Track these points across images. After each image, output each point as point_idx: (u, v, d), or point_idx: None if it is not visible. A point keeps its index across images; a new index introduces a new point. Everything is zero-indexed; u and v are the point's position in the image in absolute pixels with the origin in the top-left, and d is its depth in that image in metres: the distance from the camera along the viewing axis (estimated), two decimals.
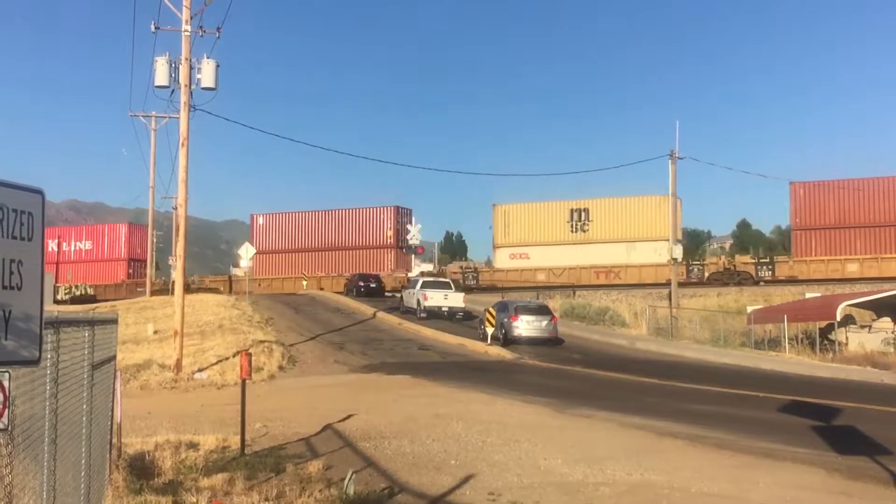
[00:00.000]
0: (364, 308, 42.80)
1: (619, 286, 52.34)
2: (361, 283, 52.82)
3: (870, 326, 32.65)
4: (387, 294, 52.09)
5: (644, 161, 58.78)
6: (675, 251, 40.02)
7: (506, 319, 30.70)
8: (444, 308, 38.10)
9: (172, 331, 24.51)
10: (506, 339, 30.45)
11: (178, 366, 22.92)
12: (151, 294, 54.95)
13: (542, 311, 31.66)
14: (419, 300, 38.49)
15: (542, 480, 10.11)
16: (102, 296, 62.42)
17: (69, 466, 6.51)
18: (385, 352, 28.65)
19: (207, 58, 24.01)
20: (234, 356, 23.56)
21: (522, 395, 18.03)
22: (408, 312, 39.51)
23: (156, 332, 31.22)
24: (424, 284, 39.49)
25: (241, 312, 37.16)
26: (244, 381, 12.91)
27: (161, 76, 24.07)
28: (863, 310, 34.93)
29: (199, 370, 23.32)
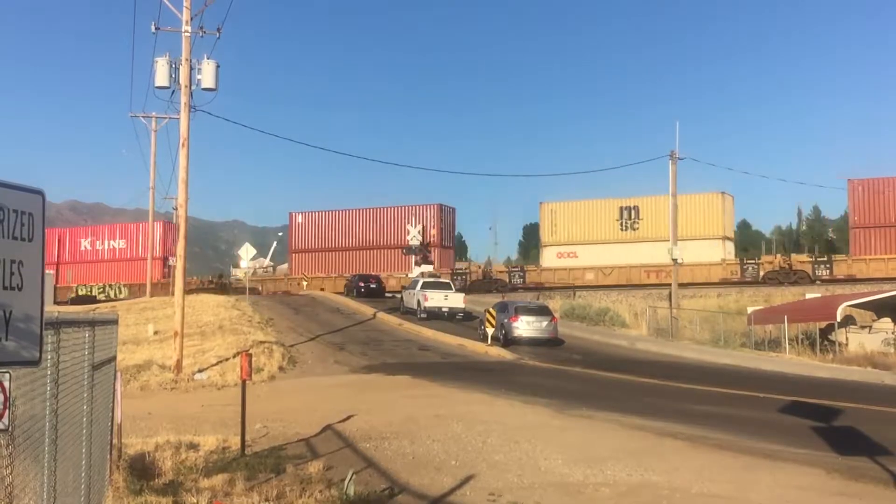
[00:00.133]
0: (364, 308, 42.82)
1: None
2: (362, 284, 52.79)
3: (870, 327, 32.64)
4: (387, 295, 52.09)
5: (644, 161, 58.86)
6: (675, 252, 39.98)
7: (506, 320, 30.69)
8: (445, 308, 38.09)
9: (173, 331, 24.52)
10: (506, 340, 30.44)
11: (179, 366, 22.93)
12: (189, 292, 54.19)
13: (543, 312, 31.66)
14: (419, 301, 38.49)
15: (543, 481, 10.11)
16: (137, 295, 59.73)
17: (69, 467, 6.52)
18: (385, 352, 28.64)
19: (208, 58, 24.03)
20: (235, 357, 23.57)
21: (523, 396, 18.02)
22: (408, 313, 39.51)
23: (156, 333, 31.23)
24: (425, 285, 39.50)
25: (242, 313, 37.18)
26: (244, 382, 12.92)
27: (161, 77, 24.08)
28: (863, 310, 34.94)
29: (200, 371, 23.32)
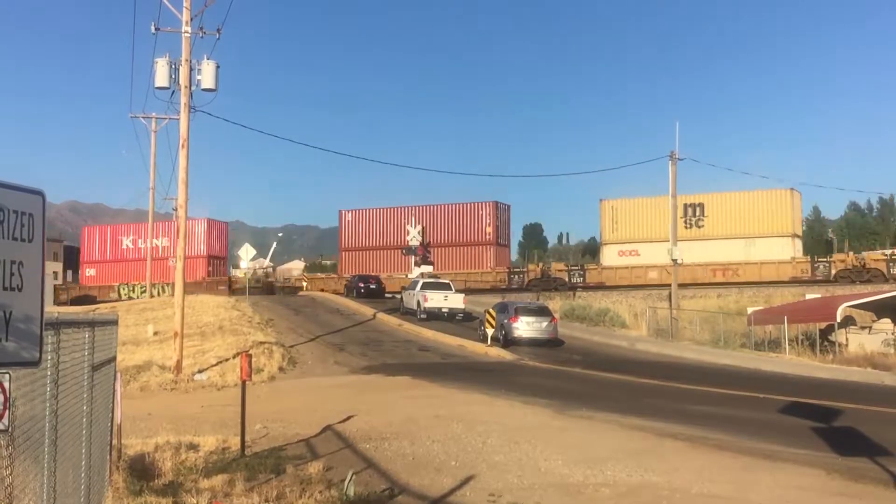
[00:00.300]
0: (364, 309, 42.81)
1: (738, 284, 50.26)
2: (361, 285, 52.75)
3: (870, 328, 32.65)
4: (387, 295, 52.07)
5: (645, 162, 58.79)
6: (675, 252, 40.02)
7: (506, 321, 30.69)
8: (444, 309, 38.07)
9: (172, 332, 24.52)
10: (506, 341, 30.44)
11: (178, 367, 22.92)
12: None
13: (542, 313, 31.66)
14: (419, 301, 38.47)
15: (543, 481, 10.11)
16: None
17: (69, 467, 6.52)
18: (385, 353, 28.64)
19: (208, 59, 24.03)
20: (234, 357, 23.57)
21: (522, 396, 18.02)
22: (408, 314, 39.50)
23: (156, 334, 31.24)
24: (424, 286, 39.47)
25: (241, 314, 37.19)
26: (244, 383, 12.92)
27: (161, 77, 24.08)
28: (863, 311, 34.95)
29: (199, 371, 23.32)
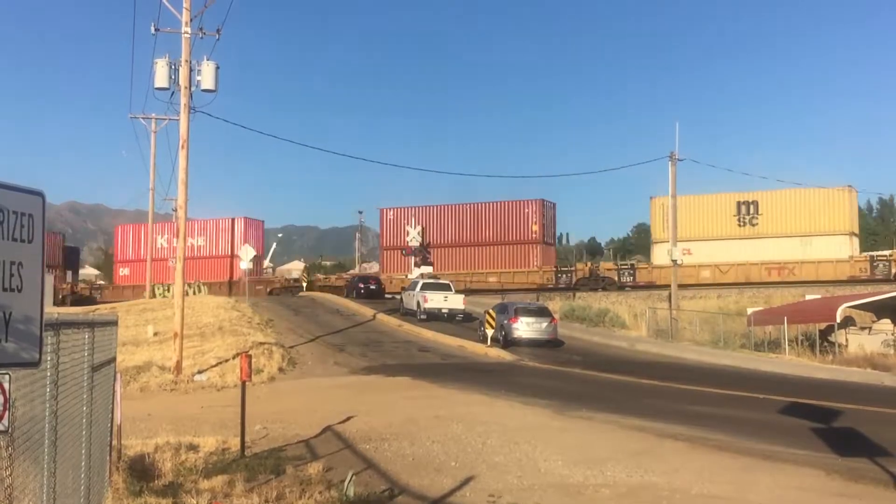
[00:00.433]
0: (364, 310, 42.79)
1: (795, 283, 49.17)
2: (361, 285, 52.75)
3: (870, 328, 32.67)
4: (386, 296, 52.05)
5: (645, 163, 58.65)
6: (675, 253, 40.03)
7: (505, 321, 30.67)
8: (444, 310, 38.05)
9: (172, 333, 24.52)
10: (506, 341, 30.43)
11: (178, 368, 22.92)
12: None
13: (542, 313, 31.65)
14: (419, 302, 38.46)
15: (543, 482, 10.11)
16: (217, 294, 55.65)
17: (69, 468, 6.52)
18: (385, 353, 28.63)
19: (207, 60, 24.03)
20: (234, 358, 23.55)
21: (522, 397, 18.01)
22: (407, 314, 39.49)
23: (156, 334, 31.22)
24: (424, 286, 39.46)
25: (241, 314, 37.17)
26: (244, 383, 12.91)
27: (161, 78, 24.09)
28: (863, 311, 34.96)
29: (199, 372, 23.31)
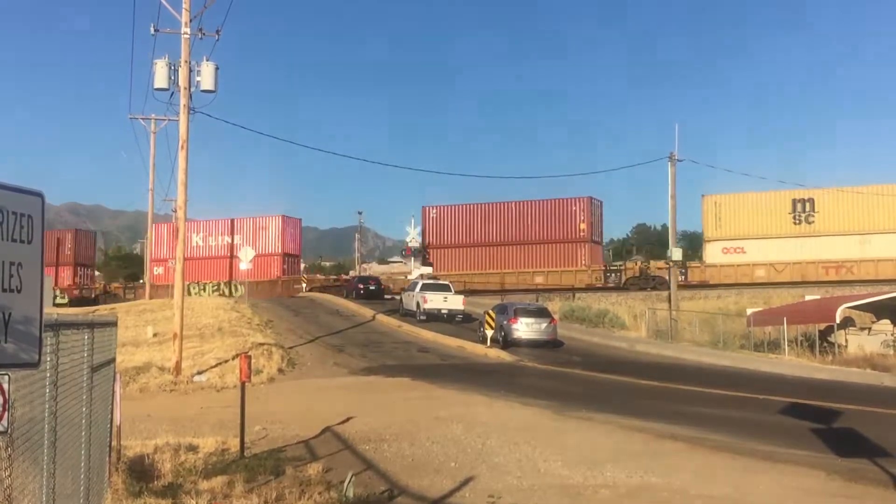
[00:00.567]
0: (363, 310, 42.79)
1: (852, 282, 48.30)
2: (361, 286, 52.75)
3: (869, 329, 32.68)
4: (386, 297, 52.05)
5: (644, 163, 58.63)
6: (675, 253, 40.01)
7: (505, 322, 30.67)
8: (444, 310, 38.04)
9: (172, 333, 24.51)
10: (505, 342, 30.42)
11: (178, 368, 22.91)
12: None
13: (542, 314, 31.64)
14: (419, 303, 38.46)
15: (542, 483, 10.10)
16: (253, 294, 54.60)
17: (68, 469, 6.51)
18: (385, 354, 28.63)
19: (207, 60, 24.04)
20: (234, 359, 23.54)
21: (522, 398, 18.01)
22: (407, 315, 39.48)
23: (155, 335, 31.21)
24: (424, 287, 39.46)
25: (241, 315, 37.18)
26: (243, 384, 12.90)
27: (160, 79, 24.08)
28: (862, 312, 34.97)
29: (199, 373, 23.30)
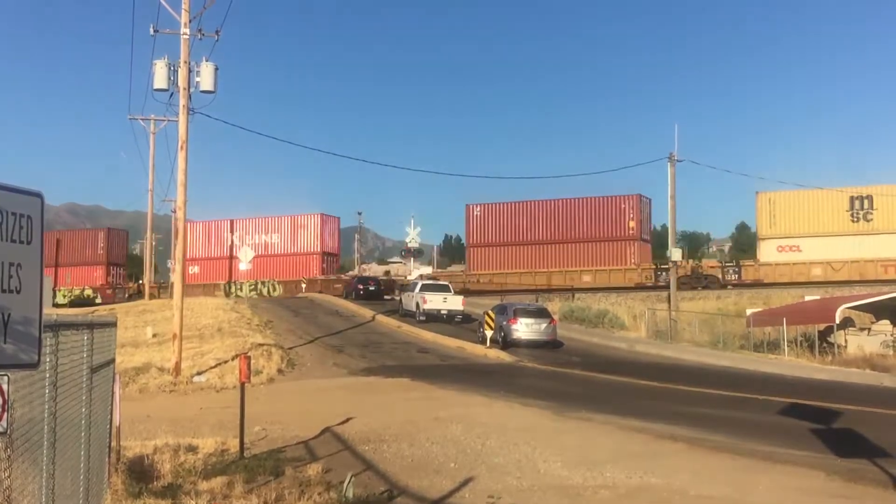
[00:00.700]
0: (363, 311, 42.79)
1: None
2: (360, 286, 52.72)
3: (869, 329, 32.68)
4: (385, 298, 52.03)
5: (643, 164, 58.59)
6: (675, 254, 40.03)
7: (505, 322, 30.67)
8: (444, 311, 38.03)
9: (171, 334, 24.49)
10: (505, 342, 30.41)
11: (177, 369, 22.90)
12: None
13: (541, 314, 31.64)
14: (418, 303, 38.45)
15: (542, 483, 10.10)
16: (293, 292, 55.52)
17: (68, 470, 6.51)
18: (384, 355, 28.62)
19: (206, 61, 24.04)
20: (233, 359, 23.54)
21: (522, 398, 18.00)
22: (407, 315, 39.47)
23: (154, 336, 31.21)
24: (423, 287, 39.45)
25: (240, 316, 37.19)
26: (243, 385, 12.90)
27: (160, 79, 24.08)
28: (862, 312, 34.97)
29: (198, 373, 23.29)
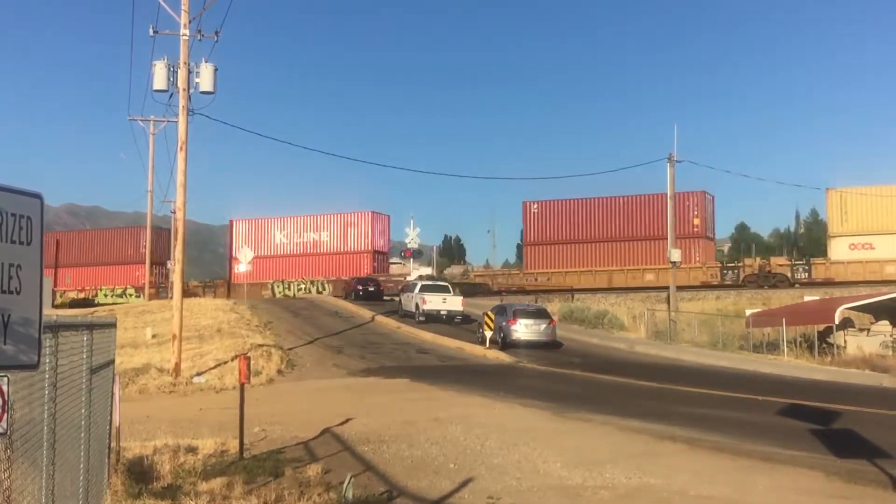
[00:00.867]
0: (363, 311, 42.79)
1: None
2: (360, 287, 52.73)
3: (868, 329, 32.69)
4: (385, 298, 52.03)
5: (643, 164, 58.57)
6: (675, 254, 40.05)
7: (504, 323, 30.67)
8: (443, 312, 38.04)
9: (171, 335, 24.49)
10: (504, 343, 30.41)
11: (177, 370, 22.91)
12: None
13: (541, 315, 31.64)
14: (418, 304, 38.45)
15: (541, 484, 10.10)
16: (340, 293, 54.29)
17: (68, 470, 6.51)
18: (384, 355, 28.63)
19: (206, 62, 24.06)
20: (233, 360, 23.55)
21: (521, 399, 18.01)
22: (406, 316, 39.48)
23: (154, 336, 31.21)
24: (423, 288, 39.45)
25: (240, 316, 37.19)
26: (242, 385, 12.90)
27: (159, 80, 24.10)
28: (861, 313, 34.99)
29: (198, 374, 23.30)
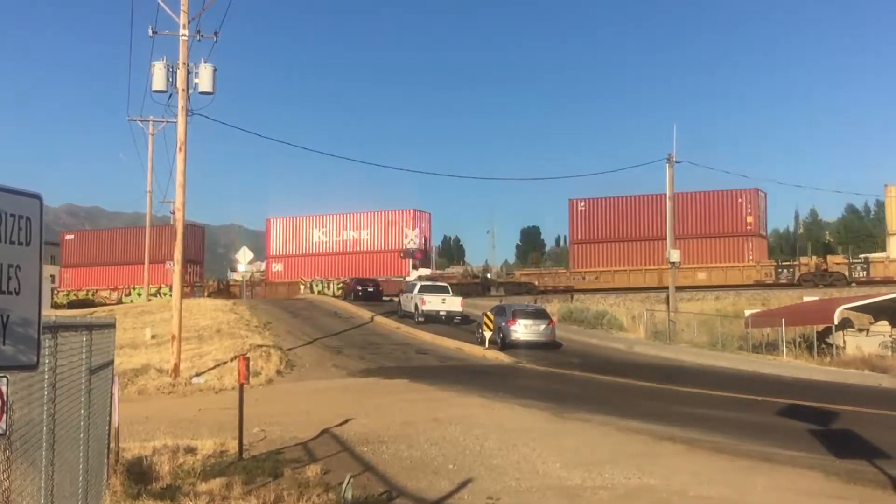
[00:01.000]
0: (362, 312, 42.79)
1: None
2: (359, 288, 52.77)
3: (867, 330, 32.71)
4: (384, 298, 52.06)
5: (643, 164, 58.55)
6: (674, 255, 40.07)
7: (503, 323, 30.67)
8: (442, 312, 38.04)
9: (170, 335, 24.48)
10: (504, 343, 30.41)
11: (176, 370, 22.91)
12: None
13: (540, 315, 31.64)
14: (417, 304, 38.45)
15: (541, 484, 10.11)
16: (385, 290, 53.47)
17: (67, 471, 6.51)
18: (383, 356, 28.63)
19: (205, 62, 24.05)
20: (232, 360, 23.56)
21: (520, 399, 18.01)
22: (405, 316, 39.48)
23: (153, 337, 31.21)
24: (422, 288, 39.47)
25: (239, 317, 37.18)
26: (242, 386, 12.90)
27: (159, 81, 24.10)
28: (860, 313, 35.01)
29: (197, 375, 23.30)
